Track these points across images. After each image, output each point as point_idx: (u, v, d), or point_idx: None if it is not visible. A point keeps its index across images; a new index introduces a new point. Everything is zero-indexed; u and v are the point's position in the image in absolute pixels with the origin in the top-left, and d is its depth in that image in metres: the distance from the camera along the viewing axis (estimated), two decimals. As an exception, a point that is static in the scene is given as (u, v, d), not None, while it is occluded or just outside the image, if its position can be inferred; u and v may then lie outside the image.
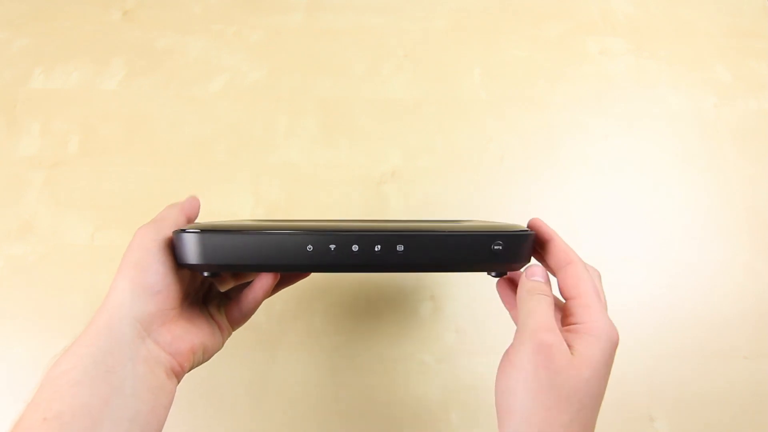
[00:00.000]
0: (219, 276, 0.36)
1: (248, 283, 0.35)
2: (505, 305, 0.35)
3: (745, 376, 0.48)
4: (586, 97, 0.59)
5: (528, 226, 0.32)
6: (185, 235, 0.29)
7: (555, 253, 0.30)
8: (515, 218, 0.53)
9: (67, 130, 0.55)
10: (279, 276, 0.35)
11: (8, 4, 0.61)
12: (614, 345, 0.27)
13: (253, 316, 0.36)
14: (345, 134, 0.56)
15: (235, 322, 0.35)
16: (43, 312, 0.48)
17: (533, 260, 0.32)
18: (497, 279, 0.35)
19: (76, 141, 0.55)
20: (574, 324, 0.27)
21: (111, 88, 0.57)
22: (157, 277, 0.28)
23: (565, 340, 0.26)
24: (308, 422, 0.46)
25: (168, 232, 0.30)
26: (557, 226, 0.39)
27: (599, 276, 0.31)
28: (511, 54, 0.61)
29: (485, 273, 0.32)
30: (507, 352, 0.27)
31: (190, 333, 0.30)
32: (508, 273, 0.32)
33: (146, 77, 0.58)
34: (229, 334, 0.35)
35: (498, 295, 0.37)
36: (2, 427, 0.44)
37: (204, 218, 0.37)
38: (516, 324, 0.33)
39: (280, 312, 0.49)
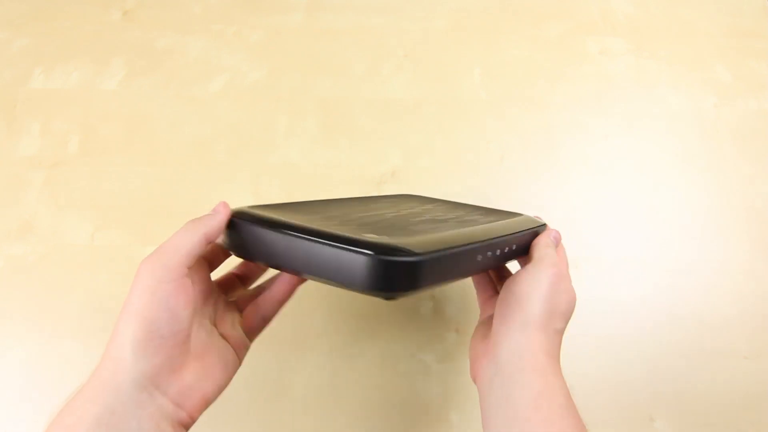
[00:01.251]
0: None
1: (257, 288, 0.35)
2: (476, 283, 0.41)
3: (745, 376, 0.48)
4: (586, 97, 0.59)
5: None
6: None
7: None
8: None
9: (67, 130, 0.55)
10: None
11: (8, 4, 0.61)
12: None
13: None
14: (345, 134, 0.56)
15: (255, 331, 0.34)
16: (43, 312, 0.48)
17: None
18: None
19: (76, 141, 0.55)
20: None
21: (111, 88, 0.57)
22: (163, 324, 0.26)
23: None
24: (308, 422, 0.46)
25: (179, 267, 0.27)
26: (557, 226, 0.39)
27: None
28: (511, 54, 0.61)
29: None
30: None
31: (202, 378, 0.28)
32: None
33: (146, 77, 0.58)
34: (248, 348, 0.33)
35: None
36: (4, 427, 0.44)
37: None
38: (478, 290, 0.41)
39: (280, 312, 0.49)
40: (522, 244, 0.36)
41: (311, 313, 0.49)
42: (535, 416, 0.28)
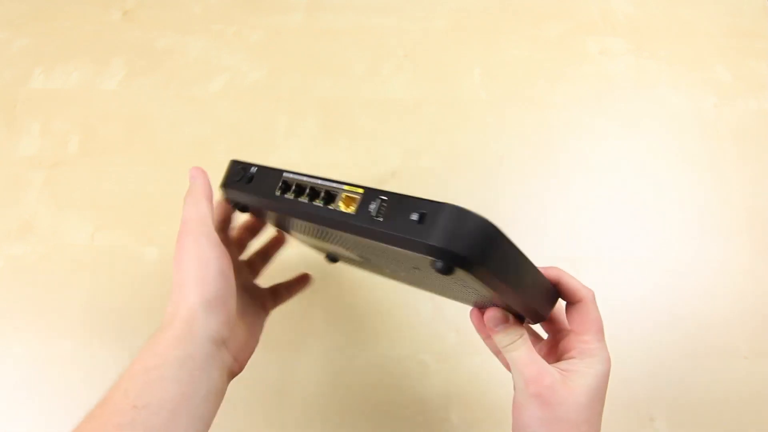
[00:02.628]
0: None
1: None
2: (479, 334, 0.35)
3: (745, 376, 0.48)
4: (586, 97, 0.59)
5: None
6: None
7: (565, 292, 0.31)
8: (516, 218, 0.53)
9: (67, 130, 0.55)
10: None
11: (8, 4, 0.61)
12: (607, 370, 0.29)
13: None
14: (345, 134, 0.56)
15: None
16: (43, 312, 0.48)
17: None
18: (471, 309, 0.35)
19: (76, 141, 0.55)
20: (572, 357, 0.30)
21: (111, 88, 0.57)
22: (222, 288, 0.29)
23: (563, 369, 0.29)
24: (308, 422, 0.46)
25: (214, 234, 0.30)
26: (557, 226, 0.39)
27: (593, 296, 0.32)
28: (511, 54, 0.61)
29: None
30: (514, 398, 0.30)
31: (251, 335, 0.33)
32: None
33: (146, 77, 0.58)
34: (273, 308, 0.38)
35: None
36: (4, 427, 0.44)
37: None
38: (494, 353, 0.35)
39: (280, 312, 0.49)
40: None
41: (311, 314, 0.49)
42: None
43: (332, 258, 0.41)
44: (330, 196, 0.27)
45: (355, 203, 0.25)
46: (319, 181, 0.28)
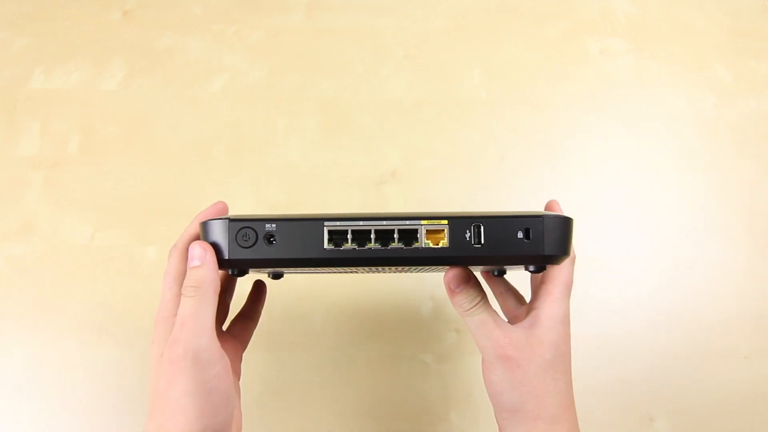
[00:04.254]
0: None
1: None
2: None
3: (745, 376, 0.48)
4: (586, 97, 0.59)
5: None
6: None
7: None
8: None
9: (67, 130, 0.55)
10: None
11: (8, 4, 0.61)
12: (564, 320, 0.29)
13: (253, 316, 0.36)
14: (345, 134, 0.56)
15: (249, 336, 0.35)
16: (43, 312, 0.48)
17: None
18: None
19: (76, 141, 0.55)
20: (536, 312, 0.29)
21: (111, 88, 0.57)
22: (224, 411, 0.26)
23: (526, 326, 0.28)
24: (308, 422, 0.46)
25: (215, 345, 0.25)
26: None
27: (574, 258, 0.31)
28: (511, 54, 0.61)
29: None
30: (482, 364, 0.29)
31: (238, 417, 0.29)
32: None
33: (146, 77, 0.58)
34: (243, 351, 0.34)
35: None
36: (4, 427, 0.44)
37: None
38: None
39: (280, 312, 0.49)
40: None
41: (311, 314, 0.49)
42: None
43: (276, 276, 0.37)
44: (408, 236, 0.25)
45: (444, 235, 0.25)
46: (384, 222, 0.25)
